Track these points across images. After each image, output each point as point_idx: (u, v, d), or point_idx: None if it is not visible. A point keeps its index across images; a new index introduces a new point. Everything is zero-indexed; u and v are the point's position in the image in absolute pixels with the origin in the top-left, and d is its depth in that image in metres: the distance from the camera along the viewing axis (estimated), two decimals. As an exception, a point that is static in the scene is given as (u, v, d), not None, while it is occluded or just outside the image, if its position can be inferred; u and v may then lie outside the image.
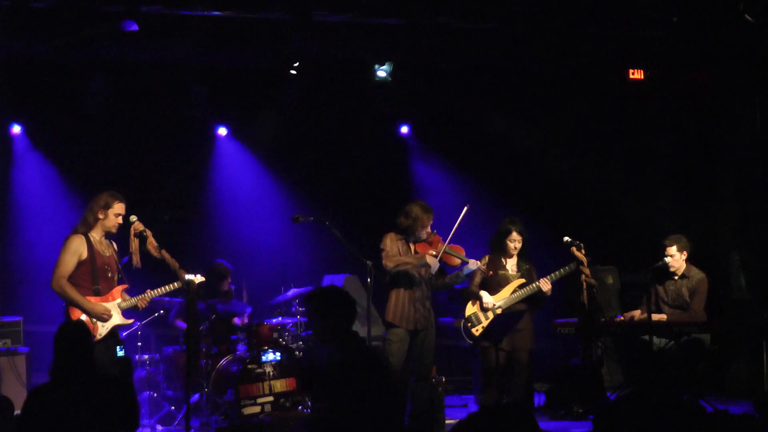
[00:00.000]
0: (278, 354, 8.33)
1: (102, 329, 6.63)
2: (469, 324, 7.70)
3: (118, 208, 6.77)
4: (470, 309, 7.74)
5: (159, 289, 6.95)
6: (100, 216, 6.73)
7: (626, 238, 10.31)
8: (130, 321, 6.89)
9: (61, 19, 7.91)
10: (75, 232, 6.75)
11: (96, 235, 6.77)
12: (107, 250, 6.82)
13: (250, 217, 10.61)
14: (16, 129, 9.71)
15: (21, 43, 8.35)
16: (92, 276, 6.68)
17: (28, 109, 9.48)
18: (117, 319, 6.73)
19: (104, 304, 6.68)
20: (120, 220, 6.79)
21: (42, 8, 7.84)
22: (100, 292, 6.71)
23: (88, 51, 8.34)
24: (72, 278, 6.65)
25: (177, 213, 10.00)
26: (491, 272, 7.70)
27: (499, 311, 7.66)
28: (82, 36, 7.98)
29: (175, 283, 6.89)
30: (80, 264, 6.66)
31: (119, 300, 6.78)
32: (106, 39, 8.09)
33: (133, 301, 6.80)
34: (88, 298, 6.64)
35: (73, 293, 6.60)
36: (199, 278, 7.23)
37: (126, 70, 9.19)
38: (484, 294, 7.62)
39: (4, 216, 9.62)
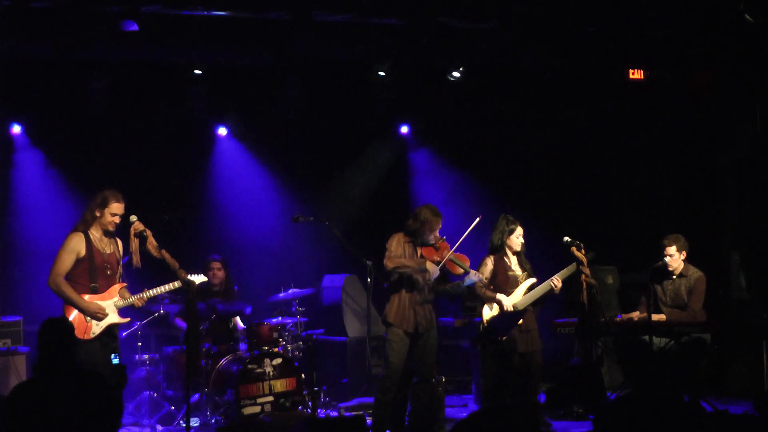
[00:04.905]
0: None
1: (96, 327, 6.62)
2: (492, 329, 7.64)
3: (115, 207, 6.76)
4: (489, 314, 7.64)
5: (157, 289, 6.95)
6: (97, 214, 6.75)
7: (626, 238, 10.31)
8: (127, 319, 6.86)
9: (61, 19, 7.91)
10: (75, 230, 6.77)
11: (96, 232, 6.77)
12: (108, 247, 6.82)
13: (250, 217, 10.61)
14: (16, 129, 9.71)
15: (21, 43, 8.35)
16: (90, 274, 6.68)
17: (28, 109, 9.48)
18: (113, 317, 6.72)
19: (100, 302, 6.67)
20: (117, 219, 6.77)
21: (42, 8, 7.84)
22: (98, 290, 6.71)
23: (88, 51, 8.34)
24: (70, 275, 6.65)
25: (177, 213, 10.01)
26: (500, 273, 7.66)
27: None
28: (82, 36, 7.97)
29: (175, 283, 6.89)
30: (78, 262, 6.67)
31: (116, 298, 6.77)
32: (106, 39, 8.09)
33: (130, 300, 6.79)
34: (84, 296, 6.64)
35: (68, 291, 6.60)
36: (200, 278, 7.23)
37: (126, 70, 9.20)
38: (502, 297, 7.56)
39: (4, 216, 9.62)
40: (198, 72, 9.29)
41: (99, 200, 6.77)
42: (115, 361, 6.70)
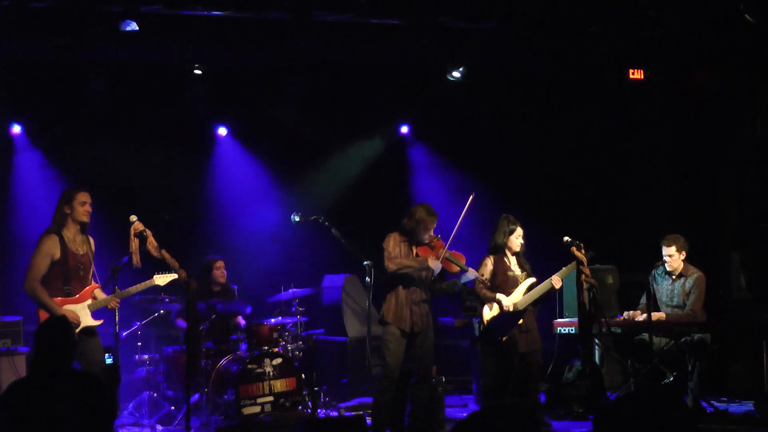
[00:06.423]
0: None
1: None
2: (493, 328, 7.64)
3: (81, 197, 6.80)
4: (489, 314, 7.64)
5: (130, 289, 6.96)
6: (67, 210, 6.77)
7: (626, 238, 10.31)
8: (100, 321, 6.82)
9: (61, 19, 7.91)
10: (47, 232, 6.76)
11: (69, 233, 6.77)
12: (81, 248, 6.81)
13: (250, 217, 10.62)
14: (16, 129, 9.72)
15: (21, 43, 8.35)
16: (64, 276, 6.68)
17: (28, 109, 9.48)
18: (87, 320, 6.71)
19: (73, 306, 6.67)
20: (88, 208, 6.81)
21: (42, 8, 7.84)
22: (71, 293, 6.71)
23: (88, 51, 8.34)
24: (44, 278, 6.66)
25: (177, 213, 10.00)
26: (499, 273, 7.66)
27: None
28: (82, 36, 7.97)
29: (149, 282, 6.99)
30: (53, 264, 6.68)
31: (89, 301, 6.76)
32: (106, 39, 8.09)
33: (103, 302, 6.77)
34: (58, 299, 6.64)
35: (43, 297, 6.60)
36: (166, 278, 7.16)
37: (126, 70, 9.19)
38: (502, 297, 7.55)
39: (4, 216, 9.62)
40: (198, 72, 9.30)
41: (64, 198, 6.82)
42: (109, 360, 6.69)
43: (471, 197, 7.38)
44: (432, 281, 7.38)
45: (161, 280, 7.12)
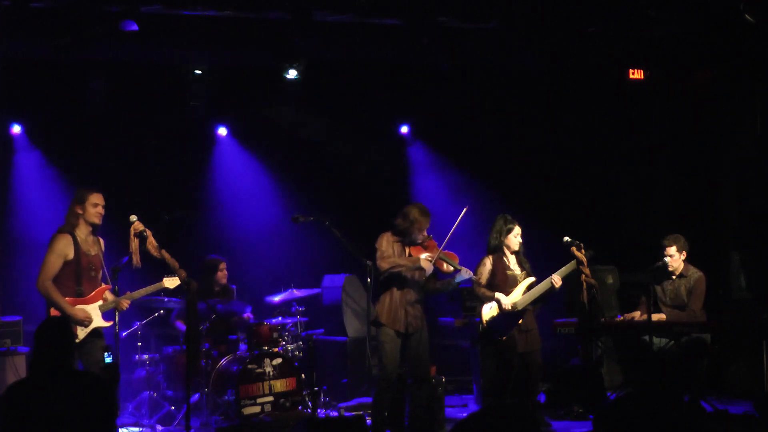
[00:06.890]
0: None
1: (81, 332, 6.63)
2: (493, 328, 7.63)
3: (94, 198, 6.80)
4: (488, 313, 7.64)
5: (140, 291, 6.96)
6: (79, 211, 6.78)
7: (626, 238, 10.31)
8: (110, 323, 6.84)
9: (61, 19, 7.91)
10: (61, 231, 6.77)
11: (81, 233, 6.78)
12: (93, 248, 6.82)
13: (249, 217, 10.62)
14: (16, 129, 9.72)
15: (21, 43, 8.35)
16: (76, 277, 6.69)
17: (28, 109, 9.48)
18: (98, 321, 6.74)
19: (85, 307, 6.68)
20: (100, 210, 6.81)
21: (42, 8, 7.84)
22: (83, 294, 6.72)
23: (88, 51, 8.34)
24: (56, 278, 6.65)
25: (177, 213, 10.00)
26: (498, 272, 7.65)
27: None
28: (82, 36, 7.97)
29: (159, 284, 6.99)
30: (66, 264, 6.68)
31: (100, 302, 6.78)
32: (106, 39, 8.09)
33: (114, 303, 6.78)
34: (69, 300, 6.64)
35: (57, 297, 6.61)
36: (175, 281, 7.17)
37: (126, 70, 9.20)
38: (501, 296, 7.55)
39: (4, 216, 9.62)
40: (198, 72, 9.31)
41: (76, 198, 6.83)
42: (108, 359, 6.71)
43: (464, 210, 7.39)
44: (425, 281, 7.37)
45: (170, 283, 7.13)
